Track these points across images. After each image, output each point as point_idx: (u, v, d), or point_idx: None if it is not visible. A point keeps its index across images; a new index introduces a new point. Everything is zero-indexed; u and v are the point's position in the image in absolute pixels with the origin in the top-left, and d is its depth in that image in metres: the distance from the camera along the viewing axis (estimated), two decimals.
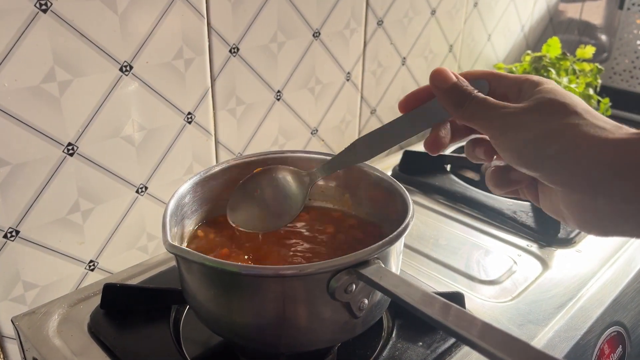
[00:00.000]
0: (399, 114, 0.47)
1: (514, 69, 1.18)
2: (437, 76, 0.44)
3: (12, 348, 0.69)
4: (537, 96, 0.40)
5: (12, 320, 0.59)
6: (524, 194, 0.46)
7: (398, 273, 0.51)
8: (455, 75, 0.44)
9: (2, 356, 0.68)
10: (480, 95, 0.42)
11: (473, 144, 0.47)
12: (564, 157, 0.37)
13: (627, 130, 0.36)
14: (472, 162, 1.02)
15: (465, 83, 0.43)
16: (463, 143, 0.48)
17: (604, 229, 0.37)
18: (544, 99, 0.39)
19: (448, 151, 1.02)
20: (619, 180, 0.35)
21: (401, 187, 0.55)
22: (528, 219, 0.79)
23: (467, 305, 0.61)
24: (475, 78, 0.44)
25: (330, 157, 0.54)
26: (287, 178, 0.55)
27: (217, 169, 0.59)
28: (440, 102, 0.44)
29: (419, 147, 1.05)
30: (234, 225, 0.54)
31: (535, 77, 0.42)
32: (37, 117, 0.62)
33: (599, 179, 0.35)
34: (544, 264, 0.71)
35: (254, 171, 0.56)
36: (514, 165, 0.40)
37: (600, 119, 0.38)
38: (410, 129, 0.46)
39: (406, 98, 0.47)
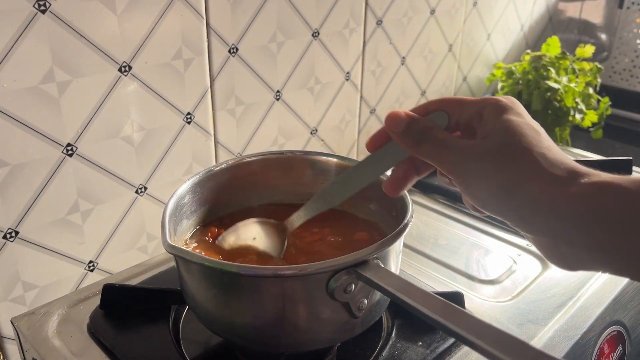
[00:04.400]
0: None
1: (513, 68, 1.18)
2: (391, 120, 0.43)
3: (12, 349, 0.69)
4: (497, 135, 0.39)
5: (11, 321, 0.59)
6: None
7: (397, 273, 0.51)
8: (408, 115, 0.43)
9: (1, 357, 0.68)
10: (438, 133, 0.41)
11: (446, 175, 0.46)
12: (525, 210, 0.37)
13: (581, 180, 0.36)
14: None
15: (419, 121, 0.42)
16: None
17: (571, 267, 0.38)
18: (502, 143, 0.38)
19: None
20: (579, 233, 0.35)
21: None
22: None
23: (467, 304, 0.61)
24: (432, 110, 0.43)
25: (303, 205, 0.53)
26: (264, 230, 0.55)
27: (216, 169, 0.59)
28: (398, 143, 0.43)
29: None
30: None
31: (496, 101, 0.41)
32: (36, 117, 0.62)
33: (560, 232, 0.36)
34: (544, 263, 0.71)
35: (227, 231, 0.55)
36: (482, 210, 0.40)
37: (557, 165, 0.37)
38: (374, 171, 0.47)
39: (371, 138, 0.46)
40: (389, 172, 0.47)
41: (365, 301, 0.46)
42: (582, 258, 0.36)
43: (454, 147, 0.40)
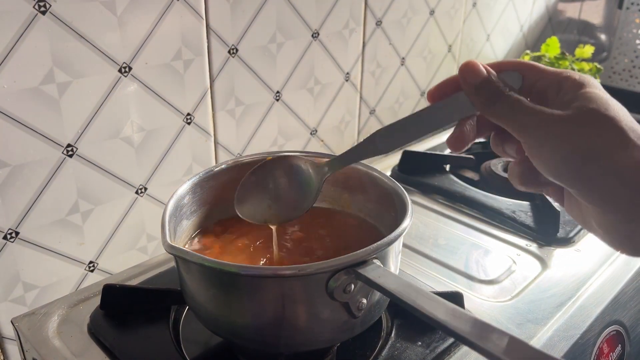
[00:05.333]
0: (398, 116, 0.46)
1: None
2: (467, 70, 0.40)
3: (12, 349, 0.69)
4: (579, 103, 0.37)
5: (12, 321, 0.59)
6: (548, 193, 0.44)
7: (397, 273, 0.51)
8: (487, 70, 0.40)
9: (2, 357, 0.69)
10: (514, 95, 0.39)
11: (501, 139, 0.43)
12: (604, 179, 0.35)
13: None
14: (471, 163, 1.02)
15: (497, 79, 0.40)
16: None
17: (635, 251, 0.36)
18: (587, 109, 0.36)
19: (447, 151, 1.03)
20: None
21: (400, 187, 0.55)
22: (527, 218, 0.79)
23: (466, 304, 0.61)
24: (508, 69, 0.41)
25: (349, 150, 0.48)
26: (301, 168, 0.51)
27: (216, 169, 0.59)
28: (469, 98, 0.41)
29: (419, 147, 1.05)
30: (242, 218, 0.52)
31: (578, 76, 0.39)
32: (37, 118, 0.62)
33: (638, 206, 0.34)
34: (543, 263, 0.72)
35: (266, 159, 0.52)
36: (548, 177, 0.38)
37: None
38: (434, 122, 0.43)
39: (436, 87, 0.43)
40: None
41: (365, 301, 0.46)
42: None
43: (530, 111, 0.38)
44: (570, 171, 0.36)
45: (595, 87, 0.38)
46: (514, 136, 0.39)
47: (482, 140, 1.08)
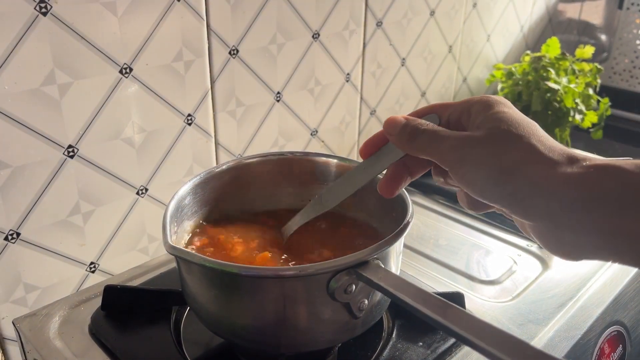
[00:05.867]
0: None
1: (513, 69, 1.18)
2: (388, 124, 0.44)
3: (14, 350, 0.69)
4: (490, 125, 0.39)
5: (13, 322, 0.59)
6: (499, 211, 0.45)
7: (398, 273, 0.51)
8: (405, 118, 0.44)
9: (3, 358, 0.69)
10: (430, 126, 0.42)
11: (439, 172, 0.46)
12: (522, 194, 0.36)
13: (580, 163, 0.36)
14: None
15: (414, 120, 0.43)
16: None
17: (574, 256, 0.37)
18: (498, 130, 0.38)
19: None
20: (578, 215, 0.35)
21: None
22: None
23: (467, 305, 0.61)
24: (424, 114, 0.45)
25: (300, 211, 0.55)
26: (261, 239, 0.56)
27: (217, 170, 0.59)
28: (395, 144, 0.44)
29: None
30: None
31: (484, 98, 0.41)
32: (38, 119, 0.62)
33: (559, 215, 0.35)
34: (544, 263, 0.72)
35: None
36: (477, 198, 0.39)
37: (554, 150, 0.37)
38: (370, 172, 0.48)
39: (365, 145, 0.47)
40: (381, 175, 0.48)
41: (366, 301, 0.46)
42: (583, 244, 0.36)
43: (447, 137, 0.40)
44: (492, 190, 0.38)
45: (504, 105, 0.40)
46: (440, 165, 0.41)
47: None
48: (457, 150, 0.39)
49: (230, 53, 0.78)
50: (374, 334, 0.57)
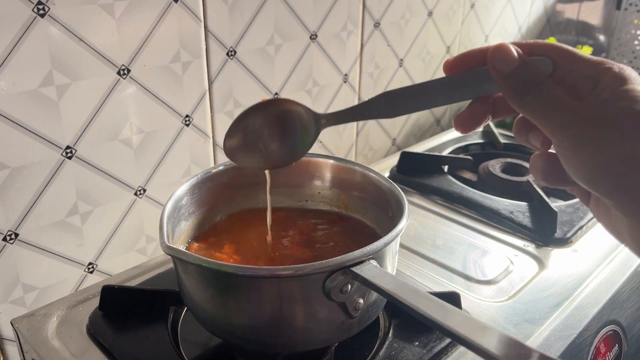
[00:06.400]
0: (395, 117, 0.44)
1: None
2: (497, 55, 0.36)
3: (12, 350, 0.69)
4: (622, 103, 0.33)
5: (11, 322, 0.60)
6: (572, 192, 0.40)
7: (394, 273, 0.51)
8: (520, 55, 0.36)
9: (2, 358, 0.69)
10: (550, 87, 0.35)
11: (526, 127, 0.39)
12: None
13: None
14: (469, 163, 1.02)
15: (531, 67, 0.36)
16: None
17: None
18: (631, 112, 0.32)
19: (445, 152, 1.03)
20: None
21: (397, 187, 0.55)
22: (525, 219, 0.79)
23: (463, 305, 0.61)
24: (538, 53, 0.37)
25: (349, 107, 0.46)
26: (299, 114, 0.47)
27: (214, 171, 0.59)
28: (499, 86, 0.37)
29: (417, 149, 1.05)
30: (233, 163, 0.50)
31: (618, 69, 0.34)
32: (36, 120, 0.63)
33: None
34: (541, 263, 0.72)
35: (260, 101, 0.47)
36: (579, 182, 0.34)
37: None
38: (446, 96, 0.39)
39: (455, 58, 0.40)
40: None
41: (362, 301, 0.46)
42: None
43: (566, 108, 0.34)
44: (607, 180, 0.32)
45: (637, 83, 0.34)
46: (546, 134, 0.35)
47: (480, 141, 1.08)
48: (575, 127, 0.33)
49: (227, 54, 0.78)
50: (370, 334, 0.57)
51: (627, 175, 0.32)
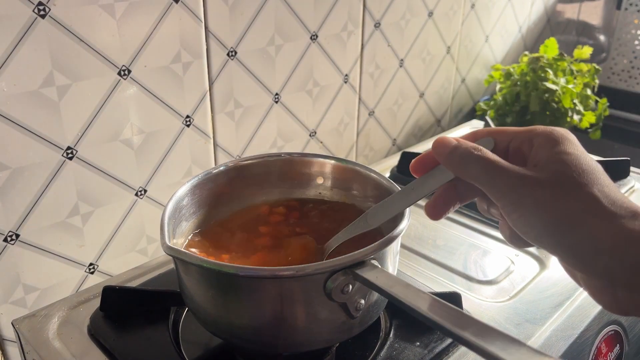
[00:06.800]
0: (397, 117, 0.46)
1: (511, 69, 1.18)
2: (437, 145, 0.41)
3: (13, 351, 0.69)
4: (554, 167, 0.36)
5: (12, 323, 0.60)
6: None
7: (395, 273, 0.51)
8: (457, 140, 0.41)
9: (2, 359, 0.69)
10: (486, 154, 0.39)
11: (485, 202, 0.43)
12: (582, 247, 0.34)
13: None
14: None
15: (466, 143, 0.40)
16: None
17: (622, 311, 0.36)
18: (562, 175, 0.36)
19: None
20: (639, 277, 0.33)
21: (398, 188, 0.55)
22: None
23: (464, 305, 0.61)
24: (479, 137, 0.42)
25: (343, 229, 0.52)
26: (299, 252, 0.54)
27: (215, 171, 0.59)
28: (444, 165, 0.42)
29: (417, 149, 1.05)
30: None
31: (549, 131, 0.39)
32: (36, 121, 0.63)
33: (618, 274, 0.34)
34: (541, 263, 0.72)
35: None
36: (528, 241, 0.38)
37: (616, 203, 0.35)
38: (417, 194, 0.46)
39: (416, 161, 0.45)
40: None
41: (363, 302, 0.46)
42: (637, 303, 0.34)
43: (505, 172, 0.37)
44: (550, 239, 0.36)
45: (570, 143, 0.38)
46: (493, 201, 0.39)
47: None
48: (514, 191, 0.37)
49: (228, 54, 0.78)
50: (371, 334, 0.57)
51: (561, 232, 0.35)
